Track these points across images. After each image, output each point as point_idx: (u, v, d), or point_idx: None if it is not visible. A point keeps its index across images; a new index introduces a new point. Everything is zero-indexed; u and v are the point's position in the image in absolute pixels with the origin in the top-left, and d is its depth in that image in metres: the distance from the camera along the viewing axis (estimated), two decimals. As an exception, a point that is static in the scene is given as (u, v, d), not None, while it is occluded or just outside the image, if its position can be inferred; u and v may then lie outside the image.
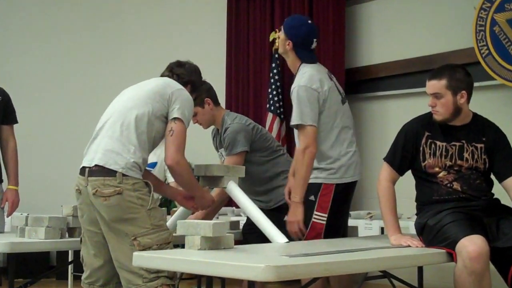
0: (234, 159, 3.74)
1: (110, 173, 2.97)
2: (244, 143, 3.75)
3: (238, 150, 3.72)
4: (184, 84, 3.28)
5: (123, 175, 2.95)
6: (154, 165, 4.57)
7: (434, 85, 3.13)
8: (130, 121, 3.04)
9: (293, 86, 3.46)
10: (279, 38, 3.61)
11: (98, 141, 3.08)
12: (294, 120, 3.41)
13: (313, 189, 3.46)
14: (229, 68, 7.00)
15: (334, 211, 3.45)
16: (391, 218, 3.19)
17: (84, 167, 3.05)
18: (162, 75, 3.34)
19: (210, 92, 3.92)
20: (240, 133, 3.78)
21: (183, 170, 3.09)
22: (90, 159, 3.04)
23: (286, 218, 3.58)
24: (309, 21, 3.63)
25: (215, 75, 7.26)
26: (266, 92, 6.43)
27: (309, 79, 3.44)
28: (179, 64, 3.37)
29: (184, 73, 3.32)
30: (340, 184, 3.47)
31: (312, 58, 3.60)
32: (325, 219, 3.43)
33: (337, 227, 3.52)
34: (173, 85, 3.18)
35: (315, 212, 3.43)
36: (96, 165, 3.00)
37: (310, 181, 3.48)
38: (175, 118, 3.06)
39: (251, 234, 3.77)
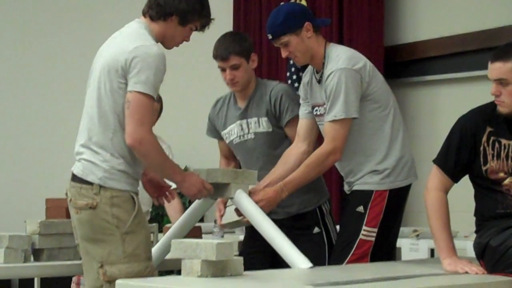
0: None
1: (88, 181, 3.08)
2: None
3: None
4: (166, 17, 3.20)
5: (101, 186, 3.06)
6: None
7: (499, 68, 3.11)
8: (95, 124, 3.12)
9: (327, 72, 3.49)
10: (290, 49, 3.56)
11: (77, 147, 3.19)
12: (338, 114, 3.45)
13: (361, 198, 3.53)
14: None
15: (386, 224, 3.51)
16: (443, 236, 3.18)
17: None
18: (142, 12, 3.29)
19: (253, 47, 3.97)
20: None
21: (150, 150, 3.09)
22: (74, 165, 3.18)
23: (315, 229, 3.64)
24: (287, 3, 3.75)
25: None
26: (284, 77, 6.43)
27: (348, 59, 3.50)
28: None
29: (164, 0, 3.20)
30: (394, 190, 3.52)
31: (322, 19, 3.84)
32: (375, 235, 3.49)
33: (388, 246, 3.59)
34: (123, 48, 3.10)
35: (364, 227, 3.49)
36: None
37: (357, 187, 3.55)
38: (130, 91, 3.06)
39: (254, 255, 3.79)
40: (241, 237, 4.49)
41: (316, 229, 3.87)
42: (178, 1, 3.19)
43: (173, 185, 4.67)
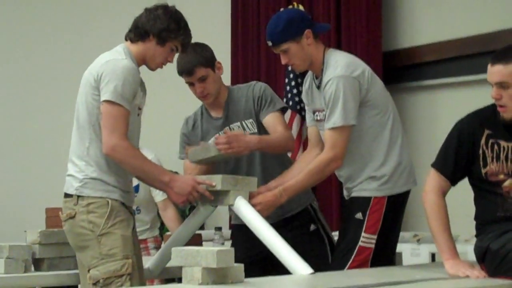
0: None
1: (69, 194, 3.28)
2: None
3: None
4: (143, 38, 3.33)
5: (78, 196, 3.22)
6: (136, 188, 4.56)
7: (499, 71, 3.10)
8: (75, 136, 3.30)
9: (325, 79, 3.50)
10: (290, 56, 3.57)
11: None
12: (336, 122, 3.45)
13: (359, 204, 3.54)
14: (235, 52, 7.01)
15: (385, 231, 3.52)
16: (444, 238, 3.19)
17: None
18: None
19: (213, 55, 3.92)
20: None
21: (125, 155, 3.19)
22: None
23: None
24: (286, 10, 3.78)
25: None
26: (282, 83, 6.44)
27: (346, 66, 3.50)
28: (143, 12, 3.38)
29: (141, 22, 3.35)
30: (392, 196, 3.54)
31: (322, 24, 3.88)
32: (374, 241, 3.50)
33: (388, 252, 3.60)
34: (97, 63, 3.28)
35: (363, 234, 3.50)
36: None
37: (355, 194, 3.56)
38: (101, 102, 3.21)
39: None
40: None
41: (313, 226, 3.89)
42: (153, 21, 3.33)
43: (159, 198, 4.65)
